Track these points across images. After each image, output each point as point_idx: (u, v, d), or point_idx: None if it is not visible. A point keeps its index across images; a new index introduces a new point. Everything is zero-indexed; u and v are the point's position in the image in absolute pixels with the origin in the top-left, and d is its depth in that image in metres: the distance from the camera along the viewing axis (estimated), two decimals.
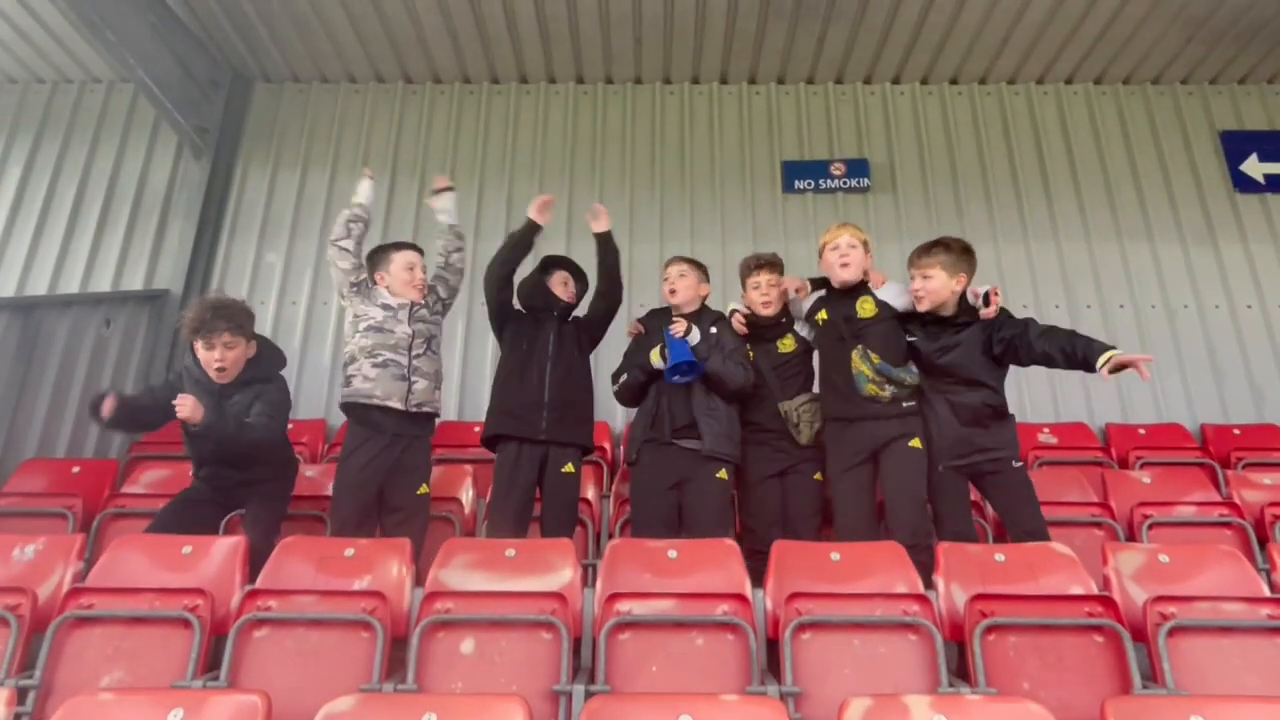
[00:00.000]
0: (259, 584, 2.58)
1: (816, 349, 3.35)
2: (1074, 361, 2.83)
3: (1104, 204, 5.65)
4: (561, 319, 3.40)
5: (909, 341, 3.14)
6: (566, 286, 3.46)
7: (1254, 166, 5.68)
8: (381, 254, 3.37)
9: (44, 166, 5.83)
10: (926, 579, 2.63)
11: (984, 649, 2.26)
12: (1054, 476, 3.83)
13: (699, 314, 3.35)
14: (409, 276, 3.29)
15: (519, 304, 3.44)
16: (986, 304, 3.01)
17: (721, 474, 3.10)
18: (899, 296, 3.18)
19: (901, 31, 5.54)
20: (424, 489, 3.16)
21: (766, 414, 3.26)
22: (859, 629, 2.32)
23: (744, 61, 5.88)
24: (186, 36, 5.45)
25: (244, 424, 2.89)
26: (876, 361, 3.03)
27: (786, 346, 3.36)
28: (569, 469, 3.19)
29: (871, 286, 3.21)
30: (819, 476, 3.23)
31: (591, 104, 6.06)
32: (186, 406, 2.73)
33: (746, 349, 3.31)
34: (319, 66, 5.98)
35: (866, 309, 3.16)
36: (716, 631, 2.31)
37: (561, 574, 2.64)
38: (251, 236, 5.62)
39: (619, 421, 4.95)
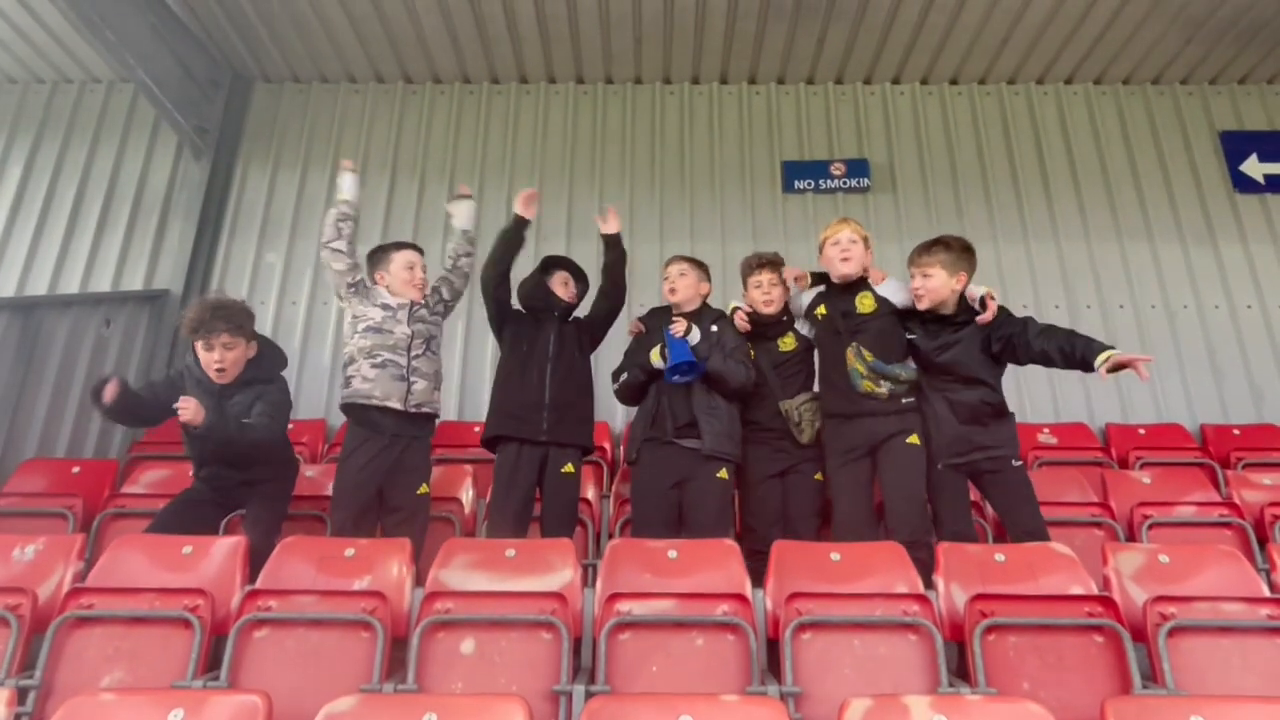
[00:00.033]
0: (259, 584, 2.58)
1: (816, 345, 3.35)
2: (1072, 361, 2.83)
3: (1104, 204, 5.65)
4: (562, 319, 3.40)
5: (909, 339, 3.14)
6: (567, 287, 3.46)
7: (1254, 167, 5.68)
8: (381, 254, 3.37)
9: (44, 166, 5.83)
10: (926, 577, 2.63)
11: (984, 649, 2.27)
12: (1054, 477, 3.83)
13: (699, 313, 3.35)
14: (409, 276, 3.29)
15: (519, 304, 3.44)
16: (983, 308, 3.01)
17: (722, 473, 3.10)
18: (898, 293, 3.18)
19: (901, 32, 5.55)
20: (424, 489, 3.16)
21: (767, 413, 3.26)
22: (859, 629, 2.32)
23: (744, 62, 5.88)
24: (186, 36, 5.45)
25: (245, 425, 2.88)
26: (870, 359, 3.04)
27: (787, 345, 3.36)
28: (569, 469, 3.18)
29: (871, 283, 3.21)
30: (820, 477, 3.23)
31: (591, 104, 6.06)
32: (189, 410, 2.71)
33: (748, 347, 3.30)
34: (319, 67, 5.98)
35: (866, 304, 3.17)
36: (716, 631, 2.31)
37: (562, 574, 2.64)
38: (251, 236, 5.62)
39: (619, 421, 4.95)
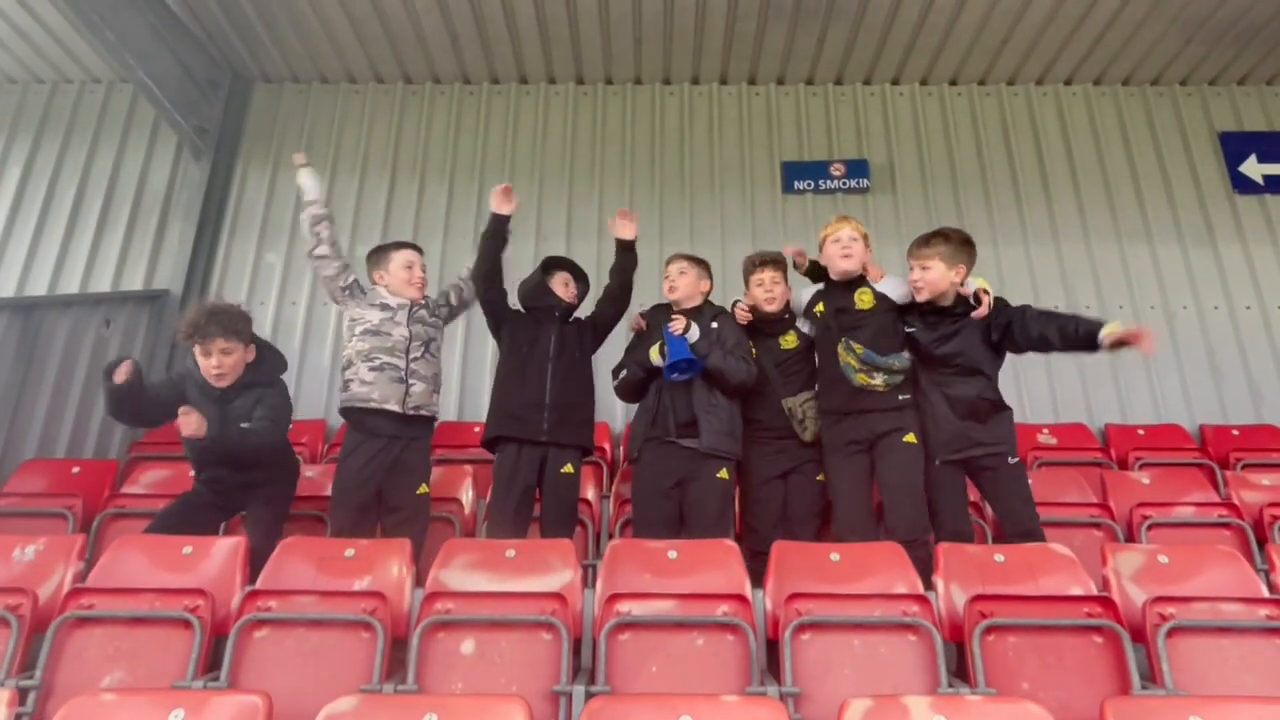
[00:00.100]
0: (259, 584, 2.58)
1: (815, 343, 3.35)
2: (1073, 341, 2.81)
3: (1103, 205, 5.66)
4: (563, 319, 3.40)
5: (908, 333, 3.13)
6: (568, 287, 3.45)
7: (1253, 167, 5.68)
8: (380, 254, 3.37)
9: (44, 166, 5.82)
10: (925, 576, 2.64)
11: (983, 649, 2.27)
12: (1053, 477, 3.83)
13: (699, 310, 3.34)
14: (408, 275, 3.29)
15: (520, 304, 3.43)
16: (978, 303, 3.02)
17: (723, 473, 3.09)
18: (897, 288, 3.19)
19: (901, 32, 5.55)
20: (423, 489, 3.15)
21: (769, 411, 3.26)
22: (859, 629, 2.33)
23: (744, 62, 5.88)
24: (186, 36, 5.45)
25: (246, 431, 2.87)
26: (860, 350, 3.04)
27: (789, 343, 3.36)
28: (568, 469, 3.18)
29: (870, 280, 3.21)
30: (821, 478, 3.22)
31: (591, 104, 6.06)
32: (191, 423, 2.67)
33: (749, 344, 3.29)
34: (319, 67, 5.98)
35: (864, 301, 3.17)
36: (716, 632, 2.31)
37: (561, 574, 2.64)
38: (251, 237, 5.62)
39: (619, 421, 4.95)
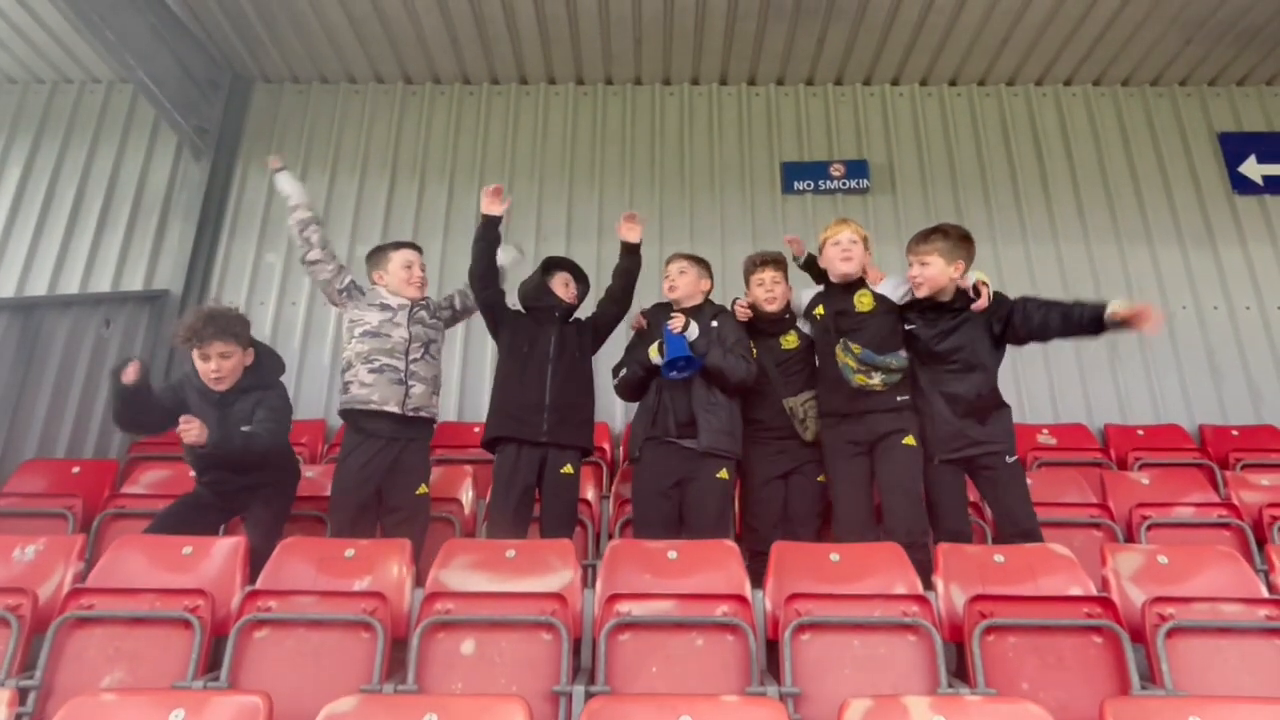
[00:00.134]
0: (259, 585, 2.58)
1: (815, 345, 3.35)
2: (1076, 325, 2.83)
3: (1103, 205, 5.66)
4: (563, 320, 3.39)
5: (908, 330, 3.14)
6: (568, 288, 3.44)
7: (1252, 168, 5.69)
8: (380, 254, 3.37)
9: (44, 166, 5.82)
10: (924, 578, 2.64)
11: (983, 650, 2.27)
12: (1053, 477, 3.83)
13: (700, 309, 3.34)
14: (407, 275, 3.29)
15: (520, 304, 3.43)
16: (977, 295, 3.02)
17: (722, 473, 3.09)
18: (897, 289, 3.20)
19: (901, 33, 5.55)
20: (423, 489, 3.15)
21: (770, 411, 3.26)
22: (858, 630, 2.33)
23: (743, 63, 5.89)
24: (186, 36, 5.45)
25: (249, 435, 2.86)
26: (858, 351, 3.04)
27: (790, 343, 3.36)
28: (568, 470, 3.18)
29: (870, 283, 3.22)
30: (822, 479, 3.22)
31: (591, 105, 6.07)
32: (192, 431, 2.67)
33: (749, 342, 3.29)
34: (319, 67, 5.98)
35: (864, 303, 3.18)
36: (716, 632, 2.31)
37: (561, 575, 2.64)
38: (251, 237, 5.62)
39: (619, 422, 4.95)
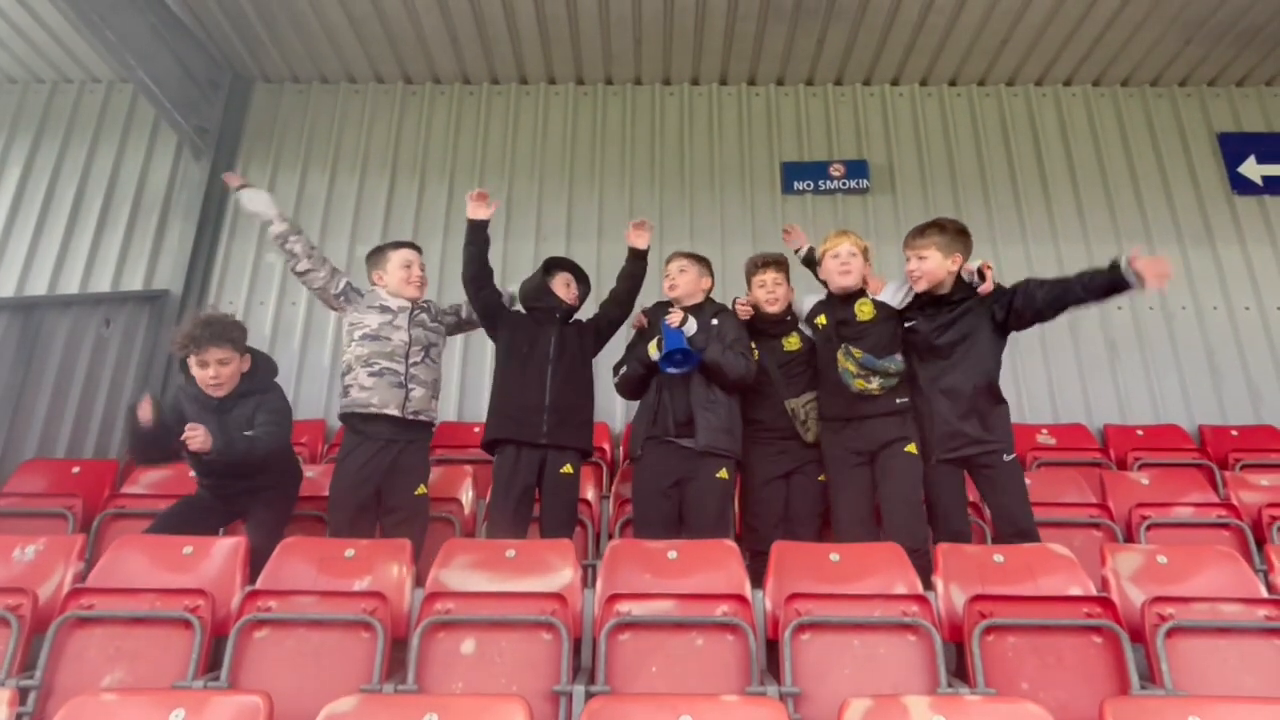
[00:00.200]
0: (259, 584, 2.58)
1: (816, 352, 3.35)
2: (1093, 289, 2.85)
3: (1102, 205, 5.66)
4: (563, 321, 3.39)
5: (909, 326, 3.14)
6: (569, 288, 3.44)
7: (1252, 168, 5.69)
8: (379, 254, 3.37)
9: (44, 166, 5.82)
10: (924, 579, 2.63)
11: (983, 650, 2.27)
12: (1052, 477, 3.83)
13: (700, 307, 3.34)
14: (406, 275, 3.28)
15: (520, 304, 3.43)
16: (982, 279, 3.02)
17: (722, 473, 3.08)
18: (896, 294, 3.20)
19: (901, 33, 5.55)
20: (422, 490, 3.15)
21: (772, 412, 3.26)
22: (858, 629, 2.33)
23: (743, 63, 5.89)
24: (186, 36, 5.45)
25: (252, 439, 2.87)
26: (859, 355, 3.04)
27: (792, 345, 3.36)
28: (568, 469, 3.17)
29: (870, 293, 3.23)
30: (823, 479, 3.21)
31: (591, 105, 6.07)
32: (198, 438, 2.67)
33: (749, 340, 3.29)
34: (319, 67, 5.98)
35: (865, 312, 3.18)
36: (716, 632, 2.32)
37: (561, 574, 2.64)
38: (251, 236, 5.61)
39: (618, 422, 4.95)
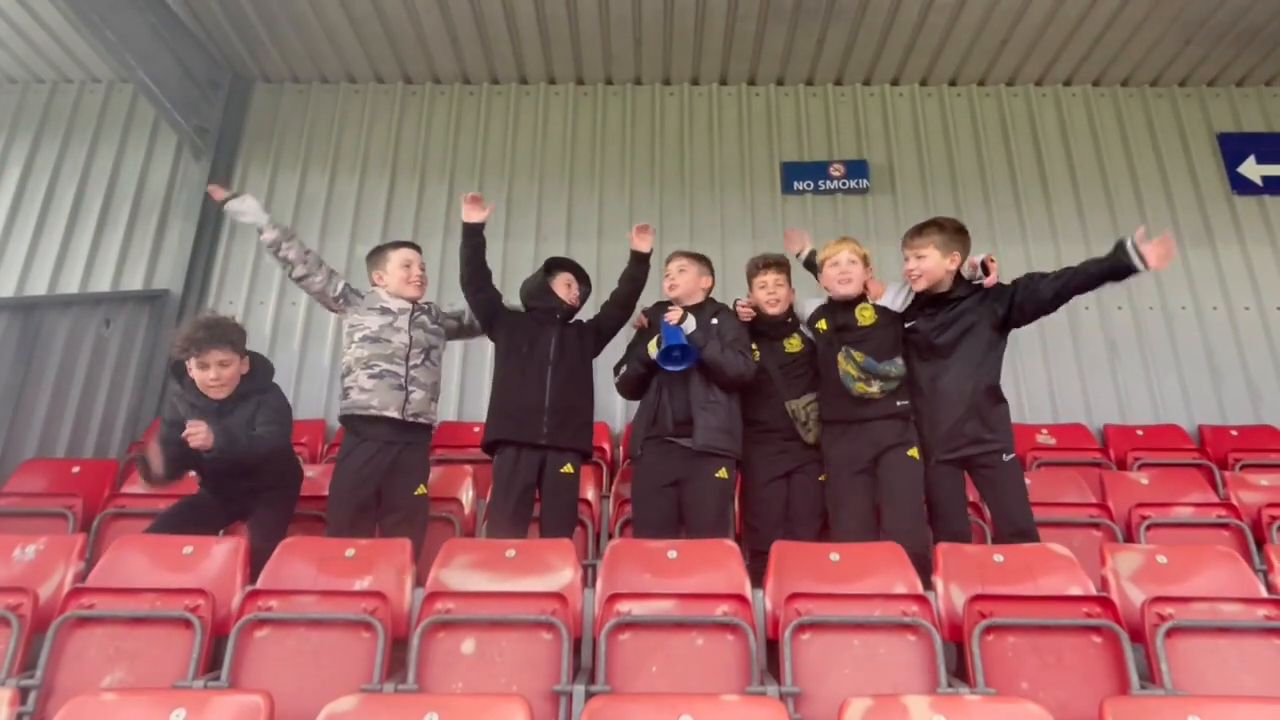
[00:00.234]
0: (260, 584, 2.58)
1: (818, 356, 3.35)
2: (1090, 275, 2.83)
3: (1102, 205, 5.67)
4: (564, 321, 3.38)
5: (909, 326, 3.14)
6: (570, 289, 3.44)
7: (1251, 168, 5.70)
8: (379, 254, 3.36)
9: (44, 166, 5.82)
10: (924, 579, 2.63)
11: (983, 649, 2.27)
12: (1052, 477, 3.83)
13: (701, 307, 3.33)
14: (405, 274, 3.28)
15: (521, 304, 3.43)
16: (986, 273, 3.02)
17: (721, 473, 3.08)
18: (896, 297, 3.20)
19: (901, 33, 5.56)
20: (421, 490, 3.14)
21: (773, 413, 3.26)
22: (858, 629, 2.33)
23: (743, 63, 5.89)
24: (186, 36, 5.45)
25: (255, 437, 2.86)
26: (860, 359, 3.04)
27: (793, 346, 3.36)
28: (568, 469, 3.17)
29: (871, 298, 3.23)
30: (824, 479, 3.21)
31: (591, 105, 6.07)
32: (198, 435, 2.66)
33: (748, 338, 3.29)
34: (319, 67, 5.98)
35: (866, 317, 3.19)
36: (716, 632, 2.32)
37: (562, 574, 2.64)
38: (251, 236, 5.57)
39: (618, 422, 4.96)
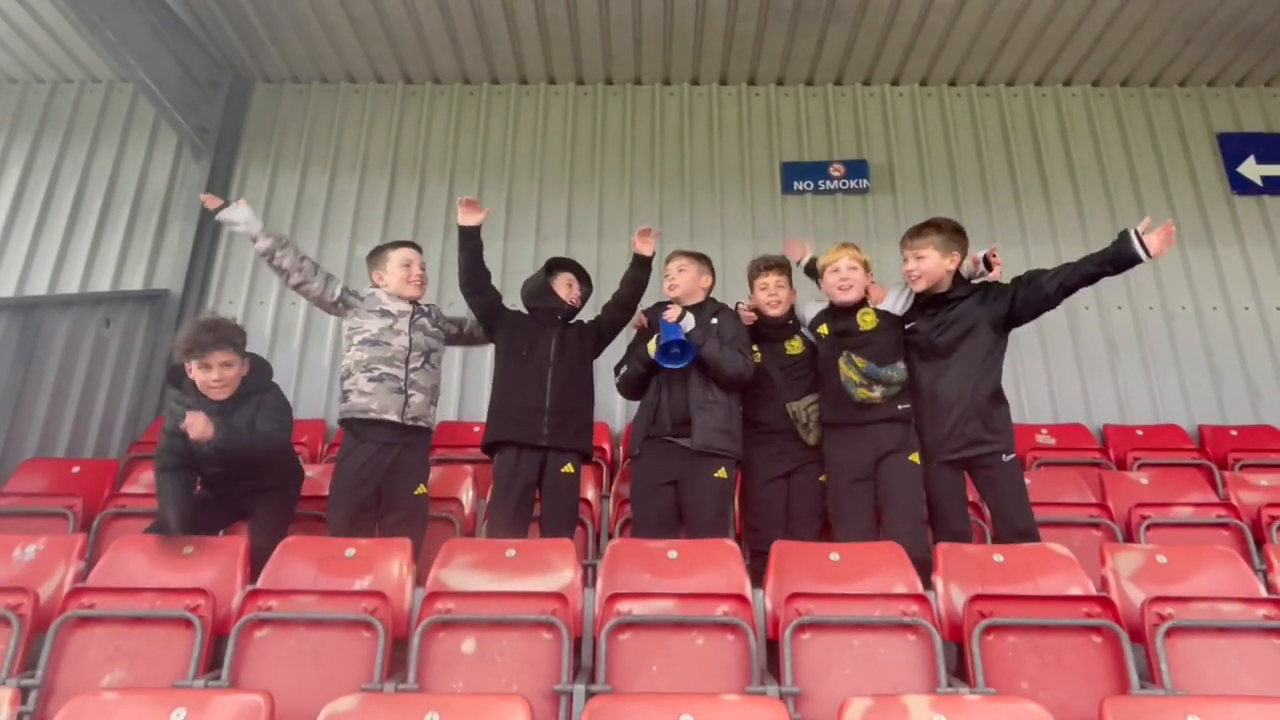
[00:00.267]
0: (260, 584, 2.58)
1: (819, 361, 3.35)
2: (1094, 265, 2.89)
3: (1102, 206, 5.67)
4: (564, 322, 3.38)
5: (909, 327, 3.14)
6: (571, 289, 3.43)
7: (1251, 168, 5.70)
8: (378, 254, 3.36)
9: (44, 166, 5.82)
10: (923, 578, 2.63)
11: (983, 649, 2.28)
12: (1052, 477, 3.84)
13: (701, 306, 3.33)
14: (405, 274, 3.27)
15: (522, 304, 3.42)
16: (989, 268, 3.02)
17: (720, 473, 3.07)
18: (897, 301, 3.21)
19: (901, 33, 5.56)
20: (421, 489, 3.14)
21: (774, 414, 3.26)
22: (858, 629, 2.33)
23: (743, 63, 5.89)
24: (186, 36, 5.45)
25: (257, 434, 2.87)
26: (862, 364, 3.04)
27: (794, 348, 3.36)
28: (569, 469, 3.17)
29: (871, 304, 3.23)
30: (824, 479, 3.21)
31: (591, 104, 6.07)
32: (197, 425, 2.66)
33: (748, 338, 3.29)
34: (319, 67, 5.98)
35: (867, 321, 3.19)
36: (716, 631, 2.32)
37: (562, 574, 2.65)
38: None
39: (618, 422, 4.96)
